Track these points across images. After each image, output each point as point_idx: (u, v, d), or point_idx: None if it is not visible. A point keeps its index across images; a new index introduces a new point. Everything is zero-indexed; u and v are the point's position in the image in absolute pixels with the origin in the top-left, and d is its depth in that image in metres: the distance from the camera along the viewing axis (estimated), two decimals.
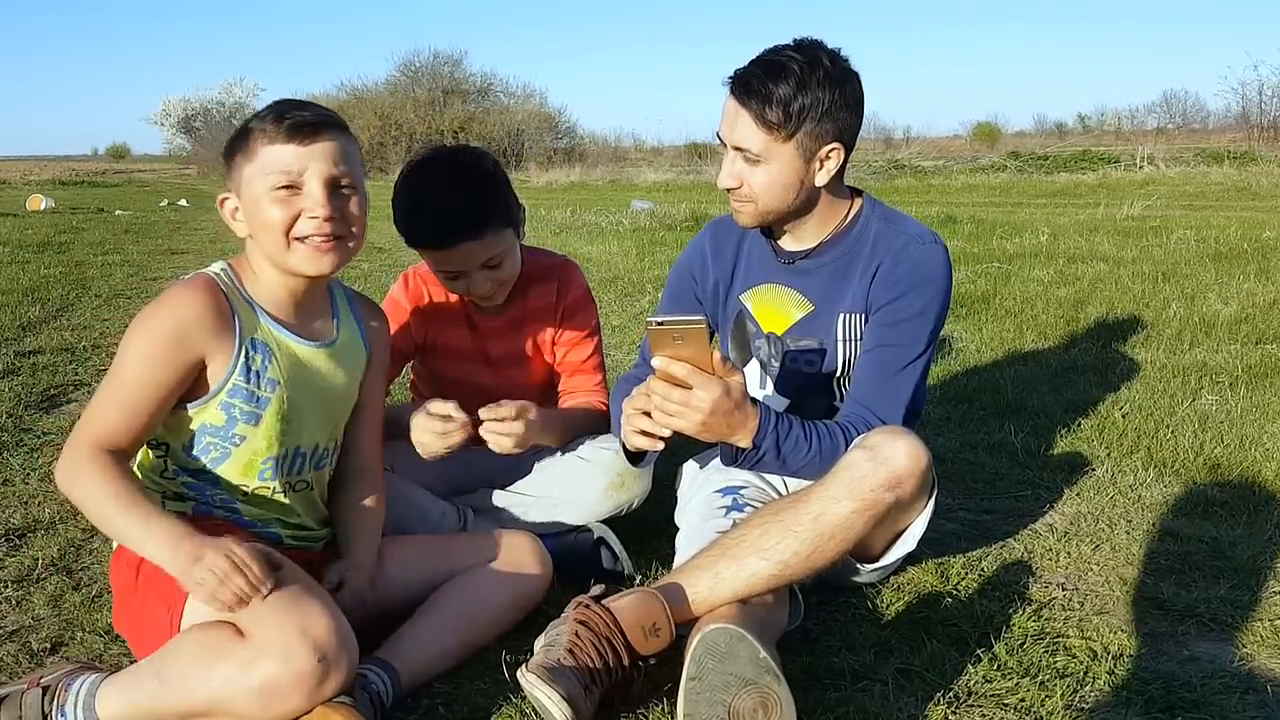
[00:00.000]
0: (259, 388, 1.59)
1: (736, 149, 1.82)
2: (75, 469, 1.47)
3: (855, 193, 1.97)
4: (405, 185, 2.03)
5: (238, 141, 1.57)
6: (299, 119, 1.53)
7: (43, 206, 15.26)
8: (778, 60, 1.77)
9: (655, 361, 1.63)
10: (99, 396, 1.53)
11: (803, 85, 1.74)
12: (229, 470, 1.62)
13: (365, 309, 1.81)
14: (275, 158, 1.53)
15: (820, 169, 1.83)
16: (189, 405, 1.57)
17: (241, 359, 1.57)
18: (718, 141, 1.89)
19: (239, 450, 1.61)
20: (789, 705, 1.36)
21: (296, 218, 1.54)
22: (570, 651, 1.48)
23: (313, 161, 1.53)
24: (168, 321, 1.52)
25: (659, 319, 1.59)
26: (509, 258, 2.06)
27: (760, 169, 1.81)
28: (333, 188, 1.55)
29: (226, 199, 1.61)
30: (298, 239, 1.55)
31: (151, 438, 1.60)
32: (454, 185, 1.98)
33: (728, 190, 1.87)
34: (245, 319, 1.59)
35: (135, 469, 1.63)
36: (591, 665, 1.47)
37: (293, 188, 1.53)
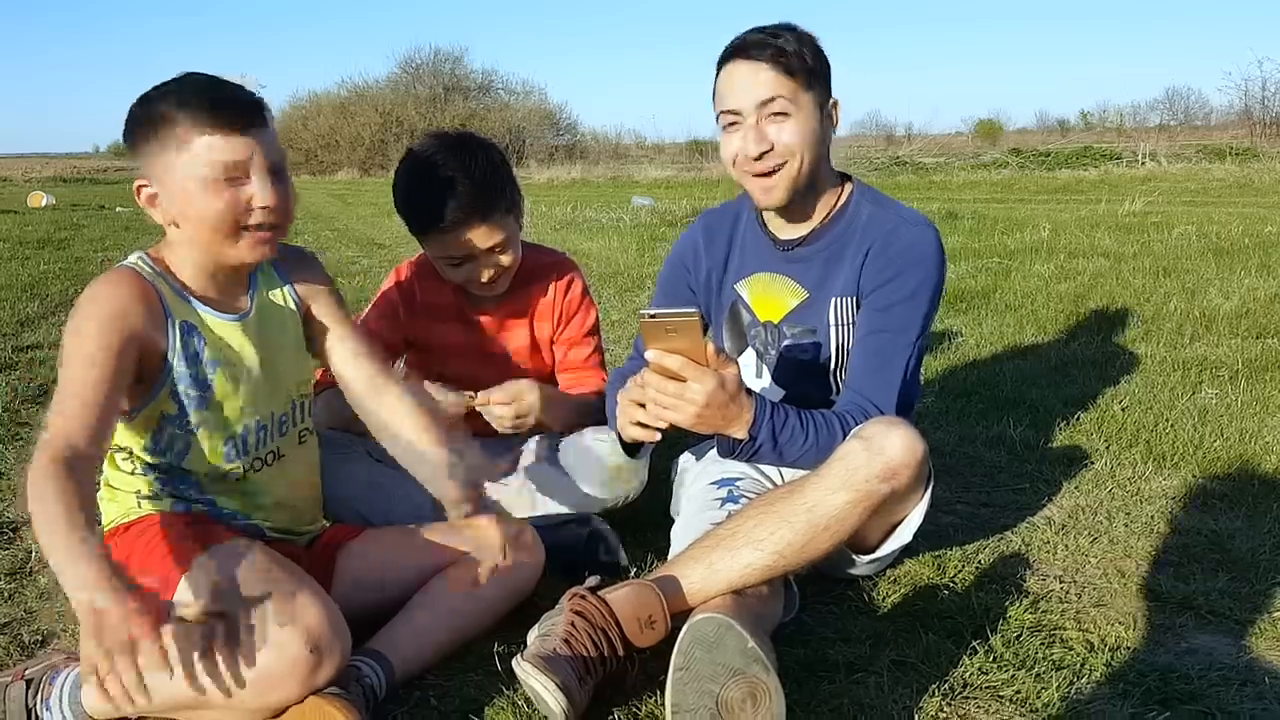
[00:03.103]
0: (200, 369, 1.57)
1: (764, 104, 1.78)
2: (37, 484, 1.33)
3: (844, 178, 1.97)
4: (411, 170, 2.01)
5: (151, 126, 1.48)
6: (233, 104, 1.48)
7: (43, 203, 15.26)
8: (767, 29, 1.82)
9: (649, 354, 1.62)
10: (55, 402, 1.43)
11: (801, 42, 1.80)
12: (195, 460, 1.60)
13: (291, 264, 1.74)
14: (215, 148, 1.46)
15: (828, 126, 1.86)
16: (144, 404, 1.54)
17: (178, 343, 1.54)
18: (725, 120, 1.84)
19: (198, 437, 1.58)
20: (778, 695, 1.34)
21: (241, 208, 1.50)
22: (566, 642, 1.47)
23: (255, 152, 1.49)
24: (97, 310, 1.46)
25: (651, 311, 1.56)
26: (512, 244, 2.06)
27: (790, 122, 1.79)
28: (274, 175, 1.52)
29: (144, 186, 1.53)
30: (244, 228, 1.52)
31: (115, 444, 1.56)
32: (460, 169, 1.97)
33: (758, 158, 1.80)
34: (172, 303, 1.55)
35: (105, 479, 1.61)
36: (587, 656, 1.46)
37: (236, 178, 1.48)
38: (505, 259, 2.05)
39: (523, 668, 1.43)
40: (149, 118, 1.48)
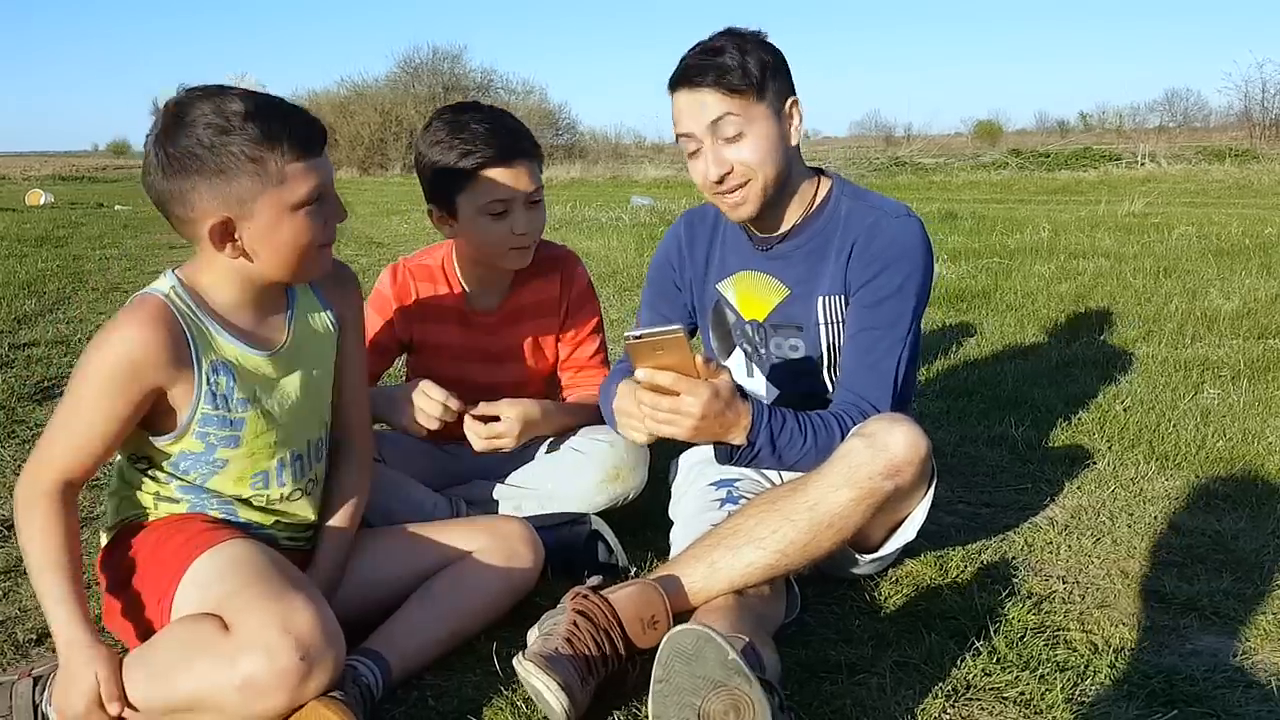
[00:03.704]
0: (230, 410, 1.51)
1: (714, 125, 1.78)
2: (29, 508, 1.44)
3: (819, 172, 1.96)
4: (457, 120, 1.97)
5: (230, 159, 1.39)
6: (311, 127, 1.46)
7: (42, 202, 15.23)
8: (708, 45, 1.80)
9: (639, 374, 1.61)
10: (54, 429, 1.46)
11: (744, 51, 1.77)
12: (219, 483, 1.56)
13: (328, 284, 1.68)
14: (307, 175, 1.44)
15: (790, 127, 1.84)
16: (163, 438, 1.50)
17: (205, 387, 1.48)
18: (686, 144, 1.85)
19: (224, 471, 1.55)
20: (762, 706, 1.29)
21: (325, 229, 1.50)
22: (568, 641, 1.45)
23: (326, 168, 1.48)
24: (119, 359, 1.42)
25: (637, 333, 1.56)
26: (544, 200, 2.06)
27: (746, 141, 1.78)
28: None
29: (225, 223, 1.42)
30: (320, 246, 1.51)
31: (133, 454, 1.55)
32: (504, 114, 2.03)
33: (718, 182, 1.81)
34: (202, 343, 1.49)
35: (120, 476, 1.58)
36: (589, 656, 1.45)
37: (319, 200, 1.47)
38: (540, 215, 2.03)
39: (524, 667, 1.41)
40: (219, 150, 1.38)
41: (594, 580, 1.59)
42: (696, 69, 1.77)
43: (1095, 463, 2.62)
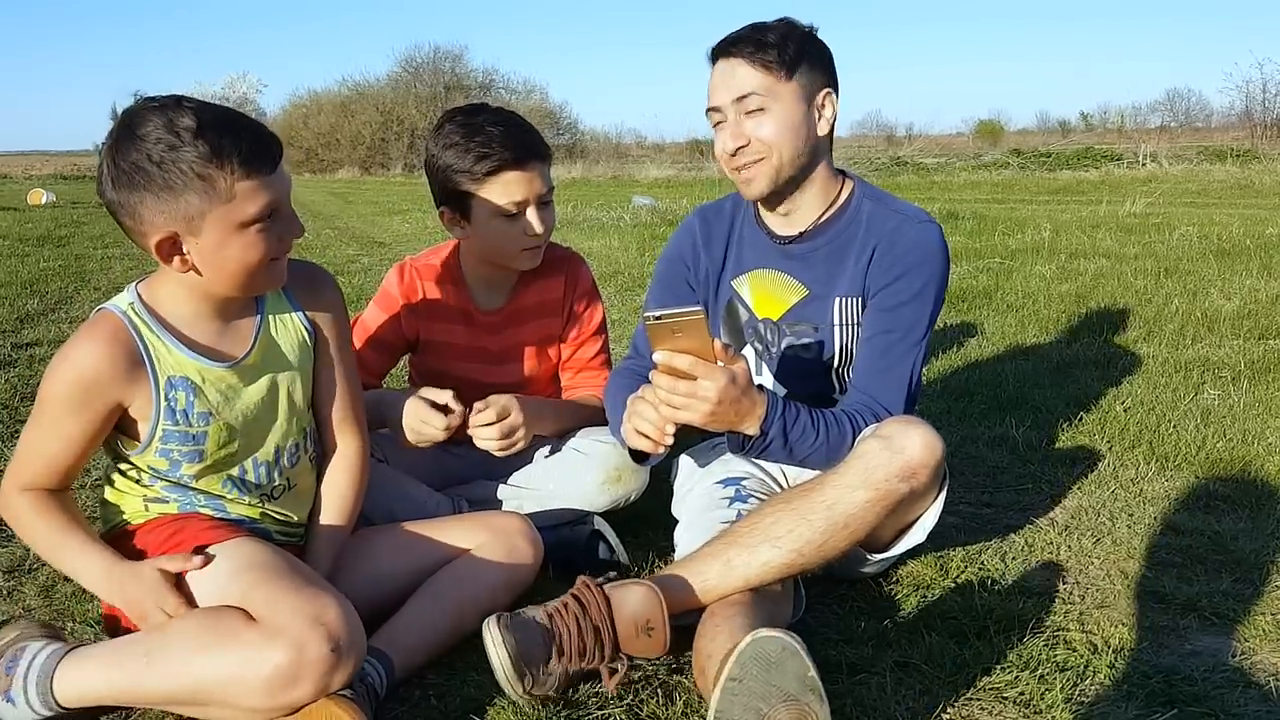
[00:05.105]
0: (190, 425, 1.50)
1: (739, 100, 1.80)
2: (10, 506, 1.51)
3: (843, 174, 1.96)
4: (471, 123, 1.98)
5: (176, 176, 1.36)
6: (264, 143, 1.41)
7: (43, 201, 15.26)
8: (758, 24, 1.84)
9: (656, 356, 1.60)
10: (23, 441, 1.49)
11: (789, 34, 1.81)
12: (202, 486, 1.57)
13: (302, 288, 1.64)
14: (258, 193, 1.40)
15: (820, 118, 1.85)
16: (133, 450, 1.52)
17: (163, 403, 1.48)
18: (712, 118, 1.87)
19: (194, 483, 1.55)
20: None
21: (278, 245, 1.47)
22: (549, 615, 1.46)
23: (280, 184, 1.44)
24: (73, 378, 1.43)
25: (656, 313, 1.54)
26: (553, 201, 2.07)
27: (767, 117, 1.80)
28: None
29: (172, 238, 1.40)
30: (272, 260, 1.47)
31: (116, 457, 1.55)
32: (514, 116, 2.04)
33: (734, 154, 1.83)
34: (159, 358, 1.48)
35: (108, 483, 1.59)
36: (564, 636, 1.45)
37: (271, 215, 1.44)
38: (550, 215, 2.04)
39: (488, 624, 1.44)
40: (173, 167, 1.36)
41: (610, 575, 1.59)
42: (736, 38, 1.81)
43: (1095, 463, 2.63)
